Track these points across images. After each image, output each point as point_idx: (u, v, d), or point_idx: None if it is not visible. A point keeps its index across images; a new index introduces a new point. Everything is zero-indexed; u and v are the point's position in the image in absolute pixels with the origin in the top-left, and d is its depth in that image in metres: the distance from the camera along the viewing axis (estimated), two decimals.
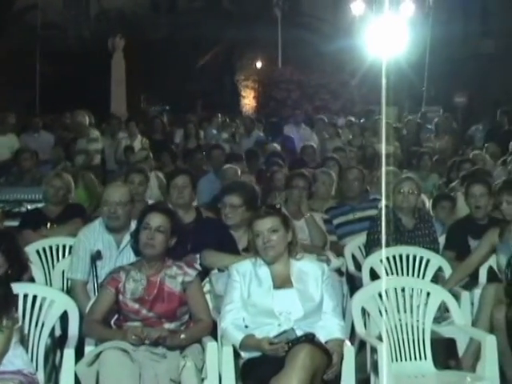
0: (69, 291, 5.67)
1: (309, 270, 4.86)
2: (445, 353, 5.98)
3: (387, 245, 6.42)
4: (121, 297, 4.77)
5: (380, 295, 5.19)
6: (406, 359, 5.13)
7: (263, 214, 4.87)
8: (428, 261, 6.26)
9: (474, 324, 5.77)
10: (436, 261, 6.28)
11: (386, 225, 6.59)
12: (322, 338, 4.63)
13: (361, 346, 5.92)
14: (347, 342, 4.74)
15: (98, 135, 12.92)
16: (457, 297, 5.90)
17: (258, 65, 30.47)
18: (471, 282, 6.33)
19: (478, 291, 6.00)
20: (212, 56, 30.09)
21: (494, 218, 6.62)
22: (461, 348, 5.73)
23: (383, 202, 6.99)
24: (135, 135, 13.19)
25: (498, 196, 6.26)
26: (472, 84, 32.78)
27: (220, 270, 5.50)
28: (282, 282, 4.80)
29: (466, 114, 24.73)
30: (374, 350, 5.11)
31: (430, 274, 6.22)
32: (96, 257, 5.58)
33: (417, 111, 21.95)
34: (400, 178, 6.93)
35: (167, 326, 4.74)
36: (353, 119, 17.29)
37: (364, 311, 5.22)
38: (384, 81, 14.34)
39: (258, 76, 29.53)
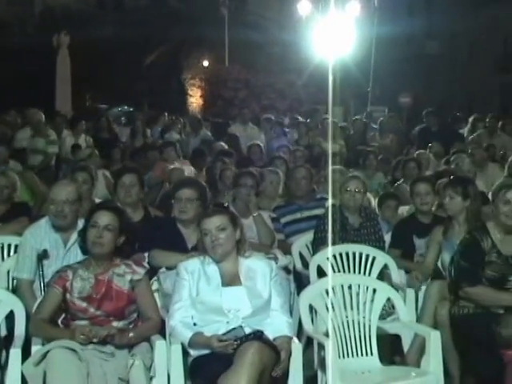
0: (15, 290, 5.61)
1: (257, 268, 4.89)
2: (390, 349, 6.08)
3: (334, 243, 6.50)
4: (68, 296, 4.74)
5: (327, 292, 5.24)
6: (352, 355, 5.18)
7: (211, 213, 4.90)
8: (374, 258, 6.34)
9: (418, 320, 5.88)
10: (382, 258, 6.37)
11: (332, 223, 6.65)
12: (270, 335, 4.67)
13: (307, 343, 5.99)
14: (295, 339, 4.79)
15: (56, 137, 12.81)
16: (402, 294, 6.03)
17: (205, 64, 30.45)
18: None
19: (423, 287, 6.12)
20: (158, 55, 29.99)
21: (438, 217, 6.74)
22: (406, 344, 5.81)
23: (330, 201, 7.06)
24: (80, 133, 13.10)
25: (443, 192, 6.36)
26: (417, 84, 33.25)
27: (168, 269, 5.51)
28: (230, 280, 4.82)
29: (410, 113, 25.01)
30: (321, 347, 5.17)
31: (375, 271, 6.31)
32: (42, 256, 5.53)
33: (362, 111, 22.18)
34: (347, 177, 7.01)
35: (115, 324, 4.73)
36: (299, 118, 17.36)
37: (311, 308, 5.28)
38: (330, 80, 14.46)
39: (204, 75, 29.51)
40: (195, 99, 29.81)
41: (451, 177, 6.87)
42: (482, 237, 5.48)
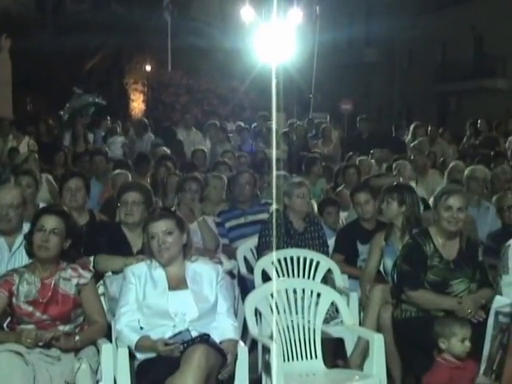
0: None
1: (203, 272, 4.92)
2: (334, 352, 6.16)
3: (278, 247, 6.56)
4: (14, 299, 4.71)
5: (272, 296, 5.29)
6: (297, 359, 5.24)
7: (158, 217, 4.91)
8: (318, 263, 6.41)
9: (361, 324, 5.98)
10: (325, 263, 6.44)
11: (277, 228, 6.72)
12: (216, 338, 4.70)
13: (252, 347, 6.03)
14: (241, 343, 4.83)
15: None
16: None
17: (148, 68, 30.33)
18: None
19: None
20: (100, 59, 29.76)
21: (380, 223, 6.84)
22: (349, 347, 5.90)
23: (274, 206, 7.13)
24: (21, 137, 12.96)
25: (382, 198, 6.49)
26: (356, 91, 33.64)
27: (114, 273, 5.51)
28: (177, 284, 4.84)
29: (351, 120, 25.30)
30: (265, 350, 5.20)
31: (319, 275, 6.37)
32: None
33: (304, 117, 22.36)
34: (292, 183, 7.06)
35: (61, 328, 4.71)
36: (242, 124, 17.44)
37: (256, 312, 5.32)
38: (274, 86, 14.51)
39: (147, 79, 29.40)
40: (137, 104, 29.69)
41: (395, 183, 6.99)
42: (425, 241, 5.60)
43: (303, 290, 5.41)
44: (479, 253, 5.70)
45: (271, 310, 5.24)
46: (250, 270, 6.76)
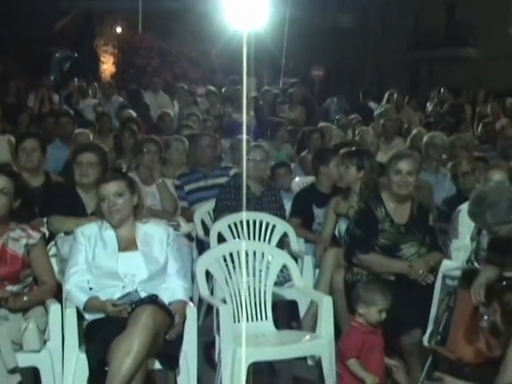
0: None
1: (154, 233, 4.93)
2: (288, 314, 6.24)
3: (235, 211, 6.59)
4: None
5: (225, 258, 5.33)
6: (248, 320, 5.28)
7: (108, 178, 4.90)
8: (274, 227, 6.45)
9: (315, 287, 6.04)
10: (281, 227, 6.49)
11: (234, 191, 6.76)
12: (165, 299, 4.73)
13: (209, 309, 6.08)
14: (190, 303, 4.86)
15: None
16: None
17: (118, 30, 30.04)
18: None
19: None
20: (70, 20, 29.42)
21: (337, 188, 6.89)
22: (302, 310, 5.98)
23: (233, 170, 7.15)
24: None
25: (340, 162, 6.52)
26: (329, 57, 33.60)
27: (66, 234, 5.51)
28: (127, 245, 4.85)
29: (322, 86, 25.29)
30: (218, 312, 5.25)
31: (275, 239, 6.42)
32: None
33: (276, 83, 22.31)
34: (250, 146, 7.08)
35: (10, 288, 4.70)
36: (212, 88, 17.36)
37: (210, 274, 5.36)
38: (245, 51, 14.45)
39: (117, 42, 29.14)
40: (107, 66, 29.44)
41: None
42: (376, 206, 5.66)
43: (254, 253, 5.44)
44: (430, 217, 5.77)
45: (223, 272, 5.29)
46: (208, 233, 6.77)
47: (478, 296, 4.61)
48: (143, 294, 4.68)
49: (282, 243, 6.53)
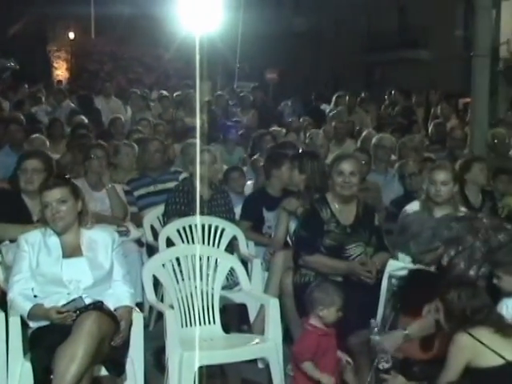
0: None
1: (99, 239, 4.89)
2: (238, 318, 6.23)
3: (184, 215, 6.58)
4: None
5: (172, 263, 5.31)
6: (195, 324, 5.27)
7: (51, 185, 4.83)
8: (223, 230, 6.45)
9: (264, 289, 6.05)
10: (230, 230, 6.49)
11: (183, 195, 6.75)
12: (111, 305, 4.69)
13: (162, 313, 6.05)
14: (136, 309, 4.83)
15: None
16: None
17: (71, 36, 29.83)
18: None
19: None
20: (23, 25, 29.12)
21: (287, 190, 6.91)
22: (252, 313, 5.99)
23: (199, 175, 7.10)
24: None
25: (287, 165, 6.57)
26: (284, 61, 33.71)
27: (12, 241, 5.45)
28: (71, 251, 4.80)
29: (277, 89, 25.36)
30: None
31: (224, 242, 6.42)
32: None
33: (231, 86, 22.29)
34: (200, 150, 7.06)
35: None
36: (165, 93, 17.33)
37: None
38: (198, 55, 14.42)
39: (71, 47, 28.93)
40: (61, 71, 29.18)
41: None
42: (322, 207, 5.70)
43: (201, 257, 5.43)
44: (376, 218, 5.82)
45: (172, 276, 5.27)
46: (157, 238, 6.75)
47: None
48: (88, 301, 4.63)
49: (232, 247, 6.53)
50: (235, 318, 6.19)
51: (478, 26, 9.46)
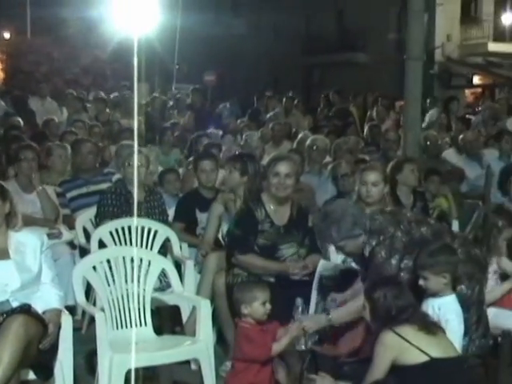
0: None
1: (27, 241, 4.81)
2: (171, 319, 6.20)
3: (117, 217, 6.54)
4: None
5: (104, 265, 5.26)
6: (127, 326, 5.23)
7: None
8: (156, 232, 6.42)
9: (197, 291, 6.04)
10: (163, 232, 6.46)
11: (116, 197, 6.70)
12: (39, 308, 4.62)
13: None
14: (65, 312, 4.78)
15: None
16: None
17: (6, 36, 29.41)
18: None
19: None
20: None
21: (220, 191, 6.91)
22: (185, 314, 5.97)
23: (136, 178, 7.05)
24: None
25: (225, 166, 6.58)
26: (223, 62, 33.71)
27: None
28: None
29: (216, 91, 25.34)
30: None
31: (157, 244, 6.39)
32: None
33: (169, 88, 22.22)
34: (129, 152, 7.01)
35: None
36: (101, 94, 17.19)
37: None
38: (135, 57, 14.28)
39: (6, 47, 28.48)
40: None
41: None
42: (257, 207, 5.73)
43: (132, 259, 5.39)
44: (309, 219, 5.85)
45: (103, 278, 5.22)
46: (90, 240, 6.68)
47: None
48: (15, 304, 4.56)
49: (165, 248, 6.51)
50: (168, 320, 6.15)
51: (410, 29, 9.60)
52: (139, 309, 5.30)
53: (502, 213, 5.50)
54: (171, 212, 7.05)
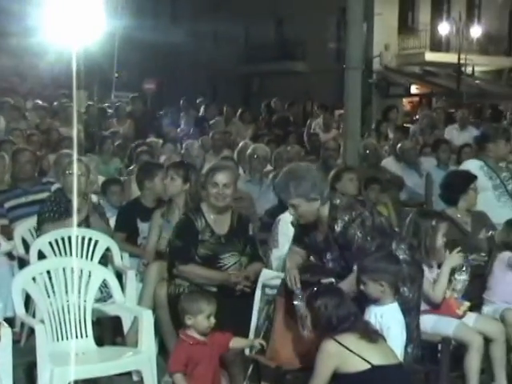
0: None
1: None
2: (112, 330, 6.15)
3: (58, 226, 6.45)
4: None
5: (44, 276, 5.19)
6: (68, 338, 5.16)
7: None
8: (97, 242, 6.35)
9: (139, 301, 5.99)
10: (104, 242, 6.39)
11: (55, 206, 6.62)
12: None
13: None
14: (4, 324, 4.70)
15: None
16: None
17: None
18: None
19: None
20: None
21: (161, 201, 6.87)
22: (126, 325, 5.91)
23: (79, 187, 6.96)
24: None
25: (166, 174, 6.57)
26: (163, 71, 33.66)
27: None
28: None
29: (156, 99, 25.29)
30: None
31: (98, 254, 6.31)
32: None
33: (109, 96, 22.09)
34: (69, 161, 6.94)
35: None
36: (40, 102, 16.96)
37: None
38: (74, 65, 14.17)
39: None
40: None
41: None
42: (197, 217, 5.72)
43: (74, 270, 5.33)
44: (250, 228, 5.87)
45: (43, 290, 5.15)
46: (29, 251, 6.58)
47: (295, 283, 4.76)
48: None
49: (106, 258, 6.45)
50: (109, 331, 6.11)
51: (349, 39, 9.71)
52: (80, 320, 5.24)
53: (429, 214, 5.54)
54: (113, 222, 6.99)
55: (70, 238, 6.30)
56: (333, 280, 4.76)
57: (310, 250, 5.02)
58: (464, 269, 5.47)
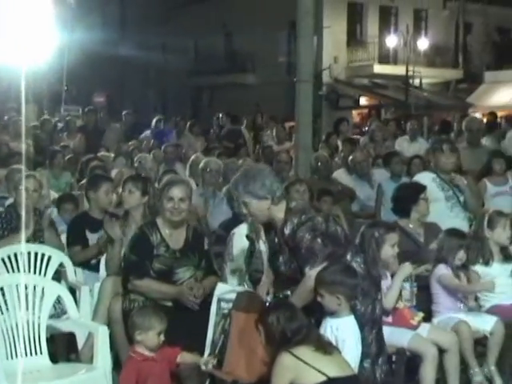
0: None
1: None
2: (66, 347, 6.09)
3: (9, 242, 6.37)
4: None
5: None
6: (21, 356, 5.11)
7: None
8: (50, 257, 6.29)
9: (93, 317, 5.94)
10: (57, 257, 6.33)
11: (7, 222, 6.54)
12: None
13: None
14: None
15: None
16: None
17: None
18: None
19: (97, 284, 6.20)
20: None
21: (108, 212, 6.85)
22: (80, 341, 5.85)
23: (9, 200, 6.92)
24: None
25: (123, 186, 6.57)
26: (112, 85, 33.51)
27: None
28: None
29: (105, 113, 25.12)
30: None
31: (51, 270, 6.26)
32: None
33: (58, 110, 21.87)
34: (20, 176, 6.88)
35: None
36: None
37: None
38: (23, 79, 13.98)
39: None
40: None
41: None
42: (152, 231, 5.70)
43: (27, 286, 5.27)
44: (205, 242, 5.87)
45: None
46: None
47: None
48: None
49: (60, 274, 6.39)
50: (63, 348, 6.05)
51: (300, 52, 9.78)
52: (34, 337, 5.19)
53: (377, 225, 5.56)
54: (63, 237, 6.94)
55: (22, 254, 6.24)
56: (289, 293, 4.78)
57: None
58: (410, 278, 5.56)
